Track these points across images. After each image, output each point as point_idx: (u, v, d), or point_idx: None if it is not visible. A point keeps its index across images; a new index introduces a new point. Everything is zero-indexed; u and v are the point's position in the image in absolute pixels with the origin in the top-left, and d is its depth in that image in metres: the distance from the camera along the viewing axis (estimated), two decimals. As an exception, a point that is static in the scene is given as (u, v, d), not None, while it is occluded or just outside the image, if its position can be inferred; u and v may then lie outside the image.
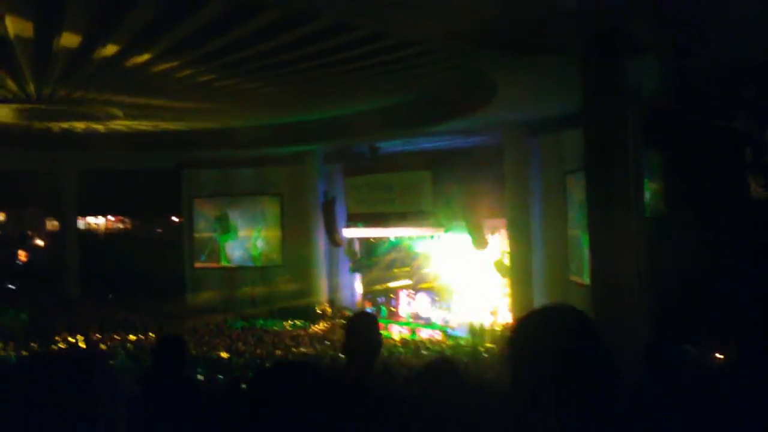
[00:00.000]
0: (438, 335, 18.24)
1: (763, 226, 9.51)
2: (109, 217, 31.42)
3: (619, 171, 9.08)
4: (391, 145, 18.55)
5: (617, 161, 9.07)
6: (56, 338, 16.06)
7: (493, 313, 17.94)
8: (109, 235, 31.50)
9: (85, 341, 16.00)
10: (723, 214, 10.31)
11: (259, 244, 22.15)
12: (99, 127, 17.10)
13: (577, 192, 13.33)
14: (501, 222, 16.95)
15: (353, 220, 20.68)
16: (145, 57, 10.62)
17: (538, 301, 15.66)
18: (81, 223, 27.40)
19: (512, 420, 1.53)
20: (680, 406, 2.49)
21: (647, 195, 11.23)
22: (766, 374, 2.24)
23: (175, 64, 11.07)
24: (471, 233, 17.20)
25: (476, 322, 17.49)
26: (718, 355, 6.22)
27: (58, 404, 1.30)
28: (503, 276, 17.18)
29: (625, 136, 9.18)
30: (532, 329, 1.53)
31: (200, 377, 10.43)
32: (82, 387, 1.37)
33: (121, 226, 31.72)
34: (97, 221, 31.36)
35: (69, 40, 9.53)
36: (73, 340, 16.02)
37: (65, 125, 16.82)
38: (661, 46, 9.05)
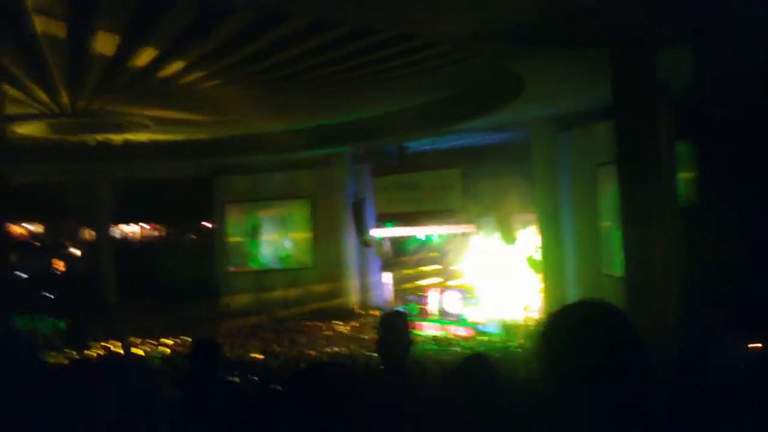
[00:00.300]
0: (469, 332, 18.18)
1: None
2: (144, 225, 31.93)
3: (651, 163, 9.01)
4: (419, 144, 18.58)
5: (649, 153, 8.99)
6: (94, 345, 16.37)
7: (525, 309, 17.84)
8: (144, 242, 32.01)
9: (122, 347, 16.28)
10: (757, 204, 10.13)
11: (290, 246, 22.32)
12: (131, 137, 17.40)
13: (608, 185, 13.20)
14: (532, 217, 16.85)
15: (383, 220, 20.74)
16: (179, 66, 10.77)
17: (571, 295, 15.53)
18: (116, 231, 27.88)
19: (546, 415, 1.51)
20: (715, 399, 2.47)
21: (680, 186, 11.08)
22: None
23: (205, 72, 11.23)
24: (501, 229, 17.14)
25: (508, 319, 17.41)
26: (754, 346, 6.12)
27: (102, 408, 1.35)
28: (536, 271, 17.08)
29: (657, 127, 9.10)
30: (565, 324, 1.52)
31: (235, 379, 10.55)
32: (126, 391, 1.42)
33: (155, 233, 32.22)
34: (132, 229, 31.89)
35: (103, 46, 9.68)
36: (111, 346, 16.32)
37: (99, 137, 17.15)
38: (691, 38, 8.93)
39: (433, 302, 20.13)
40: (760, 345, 6.41)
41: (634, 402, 1.40)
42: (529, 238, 17.49)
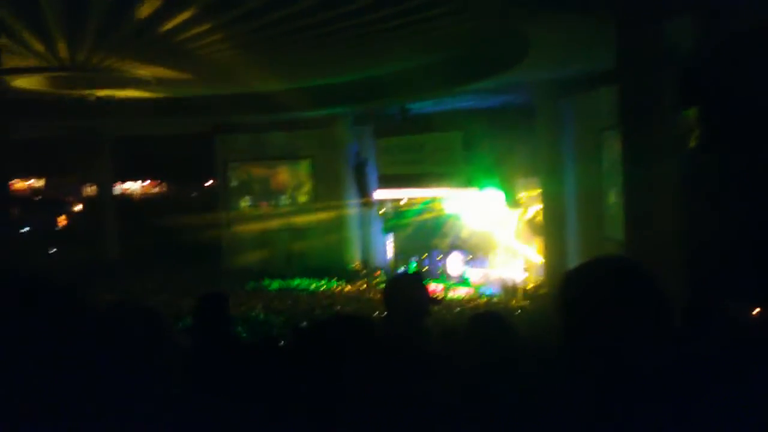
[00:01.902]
0: (470, 293, 18.34)
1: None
2: (145, 182, 31.94)
3: (655, 128, 8.98)
4: (422, 106, 18.47)
5: (653, 119, 8.97)
6: (98, 299, 16.51)
7: (526, 271, 17.98)
8: (146, 200, 32.05)
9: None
10: (762, 168, 10.11)
11: (292, 206, 22.36)
12: (132, 93, 17.28)
13: (611, 149, 13.17)
14: (534, 180, 16.86)
15: (385, 182, 20.73)
16: (184, 17, 10.60)
17: (572, 258, 15.62)
18: (118, 188, 27.88)
19: (564, 370, 1.49)
20: (720, 358, 2.50)
21: (684, 150, 11.05)
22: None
23: (209, 26, 11.09)
24: (503, 192, 17.16)
25: (509, 280, 17.55)
26: (757, 309, 6.20)
27: (132, 349, 1.39)
28: (536, 234, 17.16)
29: (662, 93, 9.04)
30: (585, 280, 1.50)
31: (240, 333, 10.69)
32: (143, 336, 1.46)
33: (157, 190, 32.24)
34: (134, 186, 31.90)
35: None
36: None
37: (99, 93, 17.02)
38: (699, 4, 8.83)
39: (435, 264, 20.28)
40: (759, 310, 6.49)
41: (654, 356, 1.39)
42: (531, 202, 17.52)
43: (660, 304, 1.43)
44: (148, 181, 32.23)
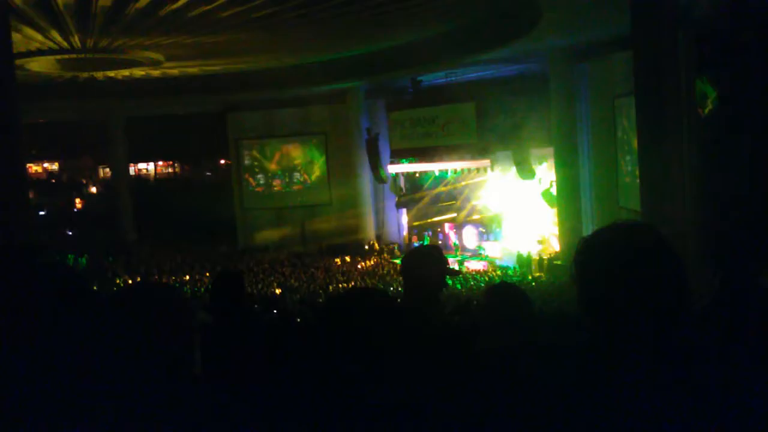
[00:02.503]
0: (485, 266, 18.33)
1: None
2: (159, 162, 32.06)
3: (670, 95, 8.85)
4: (433, 78, 18.30)
5: (668, 84, 8.83)
6: (117, 281, 16.69)
7: (541, 242, 17.91)
8: (160, 180, 32.20)
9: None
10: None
11: (306, 183, 22.38)
12: (142, 73, 17.28)
13: (626, 116, 13.02)
14: (548, 151, 16.72)
15: (398, 156, 20.65)
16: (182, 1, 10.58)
17: (587, 228, 15.54)
18: (132, 169, 28.03)
19: (583, 341, 1.43)
20: (744, 334, 2.44)
21: (700, 118, 10.90)
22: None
23: (216, 3, 11.02)
24: (517, 164, 17.04)
25: (524, 252, 17.50)
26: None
27: (148, 330, 1.39)
28: (551, 206, 17.06)
29: (676, 58, 8.90)
30: (602, 247, 1.42)
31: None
32: (164, 315, 1.46)
33: (170, 170, 32.38)
34: (148, 167, 32.05)
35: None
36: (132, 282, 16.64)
37: (110, 74, 17.04)
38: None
39: (449, 237, 20.27)
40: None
41: (673, 327, 1.33)
42: (546, 173, 17.40)
43: (677, 270, 1.36)
44: (161, 162, 32.36)
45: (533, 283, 15.08)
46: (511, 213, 18.69)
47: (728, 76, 11.02)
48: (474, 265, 18.51)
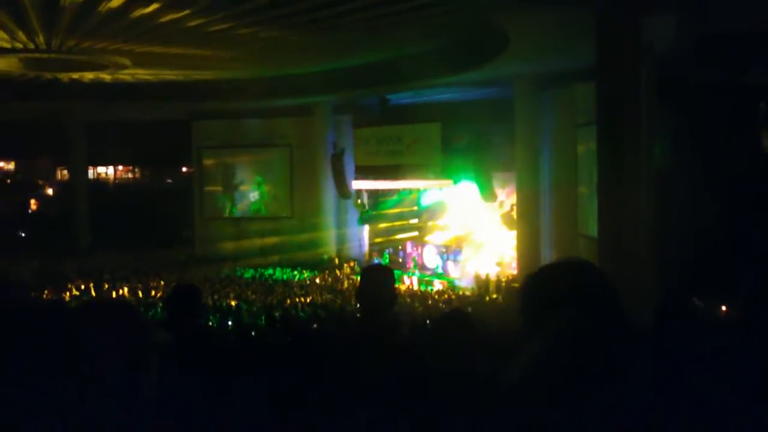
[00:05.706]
0: (444, 286, 18.42)
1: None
2: (120, 166, 31.53)
3: (630, 126, 9.06)
4: (401, 97, 18.42)
5: (629, 116, 9.04)
6: (69, 286, 16.31)
7: (499, 264, 18.09)
8: (120, 185, 31.66)
9: (96, 289, 16.23)
10: (731, 168, 10.28)
11: (268, 195, 22.24)
12: (107, 76, 17.02)
13: (586, 145, 13.28)
14: (510, 175, 16.93)
15: (362, 172, 20.68)
16: (153, 7, 10.50)
17: (546, 253, 15.75)
18: (91, 172, 27.50)
19: (525, 370, 1.50)
20: (688, 356, 2.53)
21: (657, 150, 11.19)
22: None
23: (184, 13, 10.95)
24: (480, 186, 17.22)
25: (482, 274, 17.65)
26: (724, 308, 6.31)
27: (104, 347, 1.38)
28: (510, 229, 17.26)
29: (638, 91, 9.13)
30: (544, 283, 1.54)
31: (211, 324, 10.63)
32: (121, 333, 1.44)
33: (131, 176, 31.87)
34: (107, 171, 31.50)
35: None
36: (85, 288, 16.27)
37: (74, 75, 16.75)
38: (677, 2, 8.92)
39: (410, 256, 20.34)
40: (725, 308, 6.61)
41: (613, 355, 1.43)
42: (507, 196, 17.61)
43: (613, 300, 1.49)
44: (121, 167, 31.84)
45: (490, 305, 15.18)
46: (472, 234, 18.85)
47: (686, 109, 11.36)
48: (432, 285, 18.59)
